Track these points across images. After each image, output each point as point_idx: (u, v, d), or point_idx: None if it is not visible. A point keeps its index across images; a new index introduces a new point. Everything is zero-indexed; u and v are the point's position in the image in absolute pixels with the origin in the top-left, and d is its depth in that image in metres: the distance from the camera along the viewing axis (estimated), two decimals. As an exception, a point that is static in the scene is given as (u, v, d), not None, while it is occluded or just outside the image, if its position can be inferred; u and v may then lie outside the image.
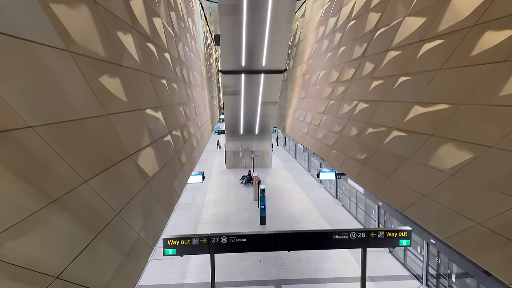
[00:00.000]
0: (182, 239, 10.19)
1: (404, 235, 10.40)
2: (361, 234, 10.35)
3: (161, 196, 9.43)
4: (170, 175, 11.01)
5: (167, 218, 10.03)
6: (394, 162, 11.24)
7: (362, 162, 13.69)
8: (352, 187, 20.72)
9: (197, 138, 19.13)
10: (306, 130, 24.05)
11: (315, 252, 15.93)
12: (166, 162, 10.47)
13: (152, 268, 14.84)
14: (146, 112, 8.32)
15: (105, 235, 5.33)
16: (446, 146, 8.54)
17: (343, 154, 16.02)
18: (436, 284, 12.27)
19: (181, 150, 13.28)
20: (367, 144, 13.41)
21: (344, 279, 13.68)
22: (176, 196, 11.88)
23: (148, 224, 7.96)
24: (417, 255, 13.62)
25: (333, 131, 17.88)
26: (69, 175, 4.33)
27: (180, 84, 13.98)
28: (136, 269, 6.97)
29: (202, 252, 10.27)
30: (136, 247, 7.00)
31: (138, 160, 7.44)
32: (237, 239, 10.24)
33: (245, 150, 35.51)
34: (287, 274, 14.12)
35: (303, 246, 10.40)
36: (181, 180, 13.01)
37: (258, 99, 27.98)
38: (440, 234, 8.67)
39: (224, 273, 14.25)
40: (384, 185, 11.75)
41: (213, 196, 25.42)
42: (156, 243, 8.66)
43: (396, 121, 11.13)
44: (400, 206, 10.73)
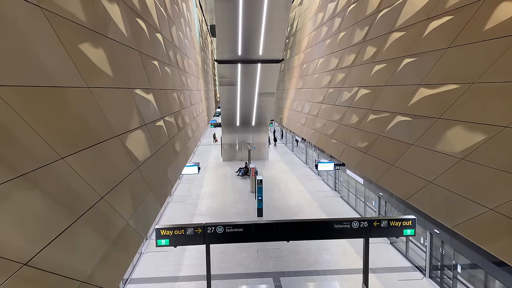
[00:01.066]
0: (176, 229, 9.68)
1: (409, 224, 9.94)
2: (364, 223, 9.88)
3: (153, 183, 8.92)
4: (163, 163, 10.49)
5: (159, 207, 9.52)
6: (397, 149, 10.77)
7: (363, 151, 13.21)
8: (351, 178, 20.27)
9: (192, 128, 18.59)
10: (304, 121, 23.54)
11: (314, 244, 15.48)
12: (159, 149, 9.94)
13: (146, 261, 14.35)
14: (135, 92, 7.77)
15: (87, 220, 4.81)
16: (455, 128, 8.06)
17: (343, 143, 15.54)
18: (440, 276, 11.85)
19: (175, 138, 12.75)
20: (368, 131, 12.93)
21: (344, 271, 13.24)
22: (170, 185, 11.37)
23: (138, 212, 7.44)
24: (419, 246, 13.19)
25: (332, 120, 17.38)
26: (41, 148, 3.79)
27: (173, 69, 13.41)
28: (124, 259, 6.46)
29: (197, 243, 9.78)
30: (125, 235, 6.48)
31: (127, 142, 6.90)
32: (233, 229, 9.74)
33: (241, 143, 34.97)
34: (286, 266, 13.67)
35: (303, 236, 9.92)
36: (175, 169, 12.50)
37: (254, 90, 27.41)
38: (447, 222, 8.20)
39: (220, 265, 13.78)
40: (386, 173, 11.27)
41: (209, 188, 24.92)
42: (147, 232, 8.16)
43: (399, 106, 10.64)
44: (403, 194, 10.26)
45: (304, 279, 12.78)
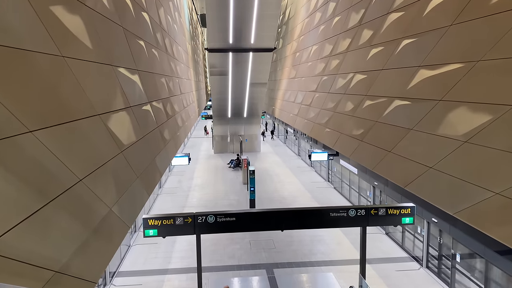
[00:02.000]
0: (165, 218, 9.20)
1: (407, 212, 9.58)
2: (361, 211, 9.49)
3: (140, 170, 8.42)
4: (151, 150, 9.99)
5: (147, 196, 9.02)
6: (395, 135, 10.38)
7: (358, 138, 12.82)
8: (345, 169, 19.93)
9: (182, 117, 18.05)
10: (297, 111, 23.11)
11: (308, 234, 15.12)
12: (146, 134, 9.43)
13: (135, 253, 13.85)
14: (119, 71, 7.23)
15: (62, 204, 4.31)
16: (458, 110, 7.67)
17: (337, 131, 15.15)
18: (437, 266, 11.55)
19: (163, 126, 12.24)
20: (364, 118, 12.53)
21: (340, 262, 12.90)
22: (159, 173, 10.87)
23: (123, 199, 6.95)
24: (416, 236, 12.88)
25: (326, 108, 16.97)
26: (2, 116, 3.28)
27: (161, 54, 12.85)
28: (107, 249, 5.98)
29: (187, 233, 9.31)
30: (108, 223, 5.99)
31: (109, 123, 6.39)
32: (225, 218, 9.28)
33: (233, 135, 34.47)
34: (279, 257, 13.28)
35: (298, 225, 9.50)
36: (164, 158, 12.00)
37: (246, 80, 26.88)
38: (449, 209, 7.84)
39: (212, 257, 13.34)
40: (383, 161, 10.89)
41: (200, 180, 24.42)
42: (133, 221, 7.67)
43: (398, 90, 10.24)
44: (402, 181, 9.89)
45: (298, 270, 12.41)
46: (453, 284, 10.68)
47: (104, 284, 11.55)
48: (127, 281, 11.86)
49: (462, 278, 10.36)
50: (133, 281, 11.87)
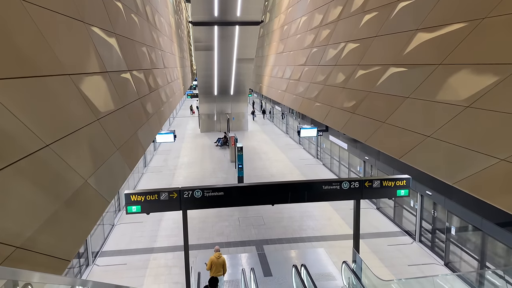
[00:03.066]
0: (148, 194, 8.64)
1: (402, 184, 9.20)
2: (355, 184, 9.08)
3: (120, 142, 7.82)
4: (132, 122, 9.37)
5: (129, 170, 8.45)
6: (389, 104, 9.93)
7: (349, 111, 12.35)
8: (334, 144, 19.56)
9: (166, 92, 17.34)
10: (285, 87, 22.53)
11: (298, 210, 14.79)
12: (126, 105, 8.80)
13: (119, 232, 13.33)
14: (93, 30, 6.54)
15: (23, 170, 3.72)
16: (460, 73, 7.21)
17: (328, 105, 14.66)
18: (431, 240, 11.33)
19: (146, 99, 11.58)
20: (356, 89, 12.04)
21: (330, 237, 12.61)
22: (141, 148, 10.28)
23: (101, 171, 6.37)
24: (409, 210, 12.63)
25: (315, 82, 16.42)
26: None
27: (142, 21, 12.06)
28: (83, 224, 5.42)
29: (172, 209, 8.79)
30: (83, 196, 5.41)
31: (83, 86, 5.74)
32: (213, 193, 8.77)
33: (220, 113, 33.75)
34: (269, 234, 12.93)
35: (289, 198, 9.06)
36: (147, 132, 11.40)
37: (233, 56, 26.05)
38: (448, 179, 7.45)
39: (200, 235, 12.92)
40: (376, 133, 10.47)
41: (186, 159, 23.83)
42: (114, 196, 7.10)
43: (393, 56, 9.74)
44: (396, 153, 9.49)
45: (289, 246, 12.08)
46: (447, 257, 10.47)
47: (87, 264, 11.05)
48: (111, 261, 11.38)
49: (457, 251, 10.15)
50: (117, 260, 11.39)
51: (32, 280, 3.03)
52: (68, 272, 9.50)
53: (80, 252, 10.63)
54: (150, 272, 10.70)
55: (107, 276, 10.50)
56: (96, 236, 11.86)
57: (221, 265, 9.24)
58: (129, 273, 10.60)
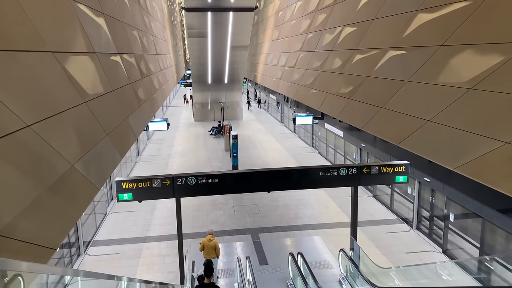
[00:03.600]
0: (140, 181, 8.37)
1: (401, 170, 9.02)
2: (352, 170, 8.87)
3: (110, 127, 7.50)
4: (123, 108, 9.04)
5: (120, 157, 8.14)
6: (388, 89, 9.68)
7: (346, 97, 12.09)
8: (330, 132, 19.33)
9: (158, 79, 16.96)
10: (280, 74, 22.18)
11: (294, 199, 14.60)
12: (117, 89, 8.46)
13: (111, 221, 13.07)
14: (79, 7, 6.18)
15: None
16: (463, 54, 6.96)
17: (324, 92, 14.38)
18: (429, 227, 11.19)
19: (137, 84, 11.24)
20: (353, 74, 11.76)
21: (327, 225, 12.44)
22: (133, 135, 9.96)
23: (89, 156, 6.08)
24: (406, 197, 12.47)
25: (311, 68, 16.11)
26: None
27: (133, 4, 11.65)
28: (70, 211, 5.13)
29: (165, 196, 8.54)
30: (70, 182, 5.12)
31: (68, 65, 5.41)
32: (207, 180, 8.52)
33: (214, 102, 33.35)
34: (264, 222, 12.73)
35: (286, 185, 8.83)
36: (140, 119, 11.08)
37: (227, 43, 25.60)
38: (449, 164, 7.24)
39: (194, 224, 12.69)
40: (374, 118, 10.22)
41: (180, 148, 23.51)
42: (103, 183, 6.81)
43: (392, 39, 9.45)
44: (395, 139, 9.26)
45: (285, 235, 11.89)
46: (445, 245, 10.33)
47: (78, 254, 10.79)
48: (103, 250, 11.13)
49: (455, 239, 10.01)
50: (109, 250, 11.14)
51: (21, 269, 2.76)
52: (58, 262, 9.24)
53: (71, 241, 10.37)
54: (143, 262, 10.47)
55: (99, 265, 10.26)
56: (87, 225, 11.58)
57: (212, 248, 9.20)
58: (121, 263, 10.36)
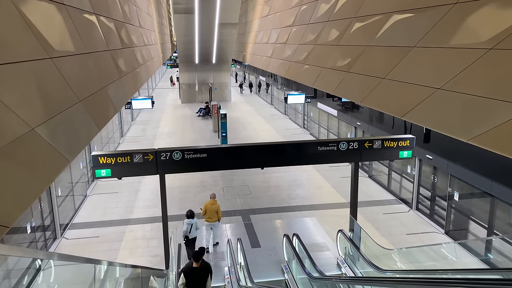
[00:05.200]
0: (120, 155, 7.53)
1: (406, 144, 8.34)
2: (353, 144, 8.17)
3: (83, 93, 6.62)
4: (101, 75, 8.14)
5: (96, 129, 7.26)
6: (391, 58, 8.92)
7: (344, 70, 11.30)
8: (323, 112, 18.60)
9: (142, 54, 15.97)
10: (271, 52, 21.26)
11: (286, 179, 13.92)
12: (93, 52, 7.54)
13: (92, 203, 12.22)
14: None
15: None
16: (481, 10, 6.21)
17: (318, 67, 13.57)
18: (430, 207, 10.60)
19: (117, 53, 10.31)
20: (351, 45, 10.97)
21: (321, 206, 11.81)
22: (113, 108, 9.05)
23: (57, 122, 5.24)
24: (405, 176, 11.85)
25: (305, 42, 15.26)
26: None
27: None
28: (29, 183, 4.30)
29: (148, 173, 7.74)
30: (29, 149, 4.28)
31: (26, 9, 4.50)
32: (194, 155, 7.71)
33: (201, 83, 32.27)
34: (255, 203, 12.03)
35: (281, 161, 8.10)
36: (120, 91, 10.18)
37: (215, 20, 24.45)
38: (462, 135, 6.53)
39: (181, 205, 11.93)
40: (375, 91, 9.47)
41: (166, 129, 22.58)
42: (75, 155, 5.95)
43: (397, 2, 8.66)
44: (398, 111, 8.52)
45: (278, 216, 11.22)
46: (448, 226, 9.76)
47: (54, 238, 9.94)
48: (82, 233, 10.31)
49: (460, 219, 9.43)
50: (89, 233, 10.32)
51: None
52: (29, 246, 8.38)
53: (46, 224, 9.50)
54: (125, 245, 9.69)
55: (77, 249, 9.45)
56: (65, 207, 10.71)
57: (214, 211, 9.38)
58: (101, 246, 9.56)
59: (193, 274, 6.06)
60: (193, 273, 6.08)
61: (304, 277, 7.41)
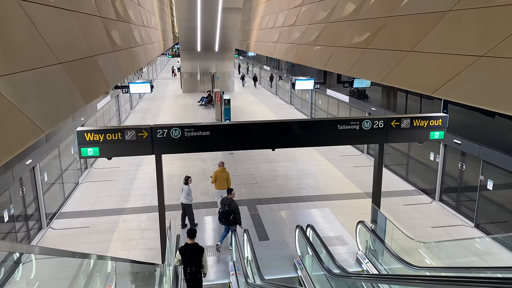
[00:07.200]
0: (109, 131, 6.50)
1: (438, 123, 7.28)
2: (379, 123, 7.13)
3: (66, 55, 5.60)
4: (90, 42, 7.10)
5: (82, 101, 6.22)
6: (419, 27, 7.83)
7: (361, 47, 10.21)
8: (333, 100, 17.52)
9: (141, 34, 14.93)
10: (277, 37, 20.17)
11: (294, 168, 12.92)
12: (77, 12, 6.51)
13: (83, 192, 11.22)
14: None
15: None
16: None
17: (330, 46, 12.48)
18: (456, 198, 9.56)
19: (111, 24, 9.30)
20: (370, 18, 9.89)
21: (335, 196, 10.78)
22: (105, 82, 8.00)
23: (26, 81, 4.25)
24: (427, 164, 10.79)
25: (315, 22, 14.18)
26: None
27: None
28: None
29: (142, 152, 6.72)
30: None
31: None
32: (196, 132, 6.67)
33: (203, 72, 31.17)
34: (262, 193, 11.01)
35: (295, 141, 7.06)
36: (114, 67, 9.18)
37: (218, 4, 23.33)
38: None
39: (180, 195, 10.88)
40: (398, 66, 8.37)
41: (167, 118, 21.53)
42: (51, 125, 4.94)
43: (428, -38, 7.59)
44: (428, 87, 7.42)
45: (287, 206, 10.20)
46: (478, 218, 8.71)
47: (39, 228, 8.94)
48: (70, 223, 9.31)
49: (493, 210, 8.37)
50: (78, 223, 9.33)
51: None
52: (5, 237, 7.36)
53: (29, 213, 8.48)
54: (118, 236, 8.69)
55: (63, 241, 8.46)
56: (52, 195, 9.70)
57: (224, 179, 9.54)
58: (91, 238, 8.56)
59: (189, 250, 6.22)
60: (188, 249, 6.23)
61: (321, 273, 6.40)
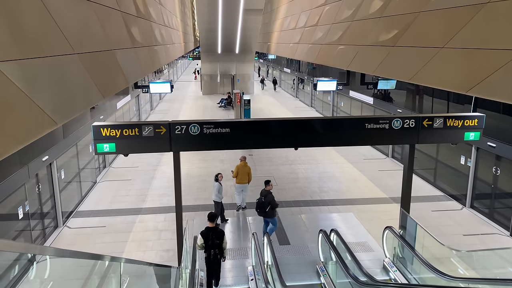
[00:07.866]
0: (126, 127, 6.27)
1: (473, 124, 6.79)
2: (410, 122, 6.68)
3: (82, 46, 5.40)
4: (108, 36, 6.93)
5: (99, 95, 6.03)
6: (452, 22, 7.37)
7: (387, 45, 9.78)
8: (356, 101, 17.02)
9: (161, 33, 14.83)
10: (299, 38, 19.83)
11: (316, 171, 12.51)
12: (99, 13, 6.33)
13: (101, 191, 11.09)
14: None
15: None
16: None
17: (355, 45, 12.07)
18: (489, 205, 8.97)
19: (131, 20, 9.15)
20: (398, 14, 9.45)
21: (359, 201, 10.31)
22: (123, 78, 7.84)
23: (38, 68, 4.04)
24: (457, 168, 10.22)
25: (339, 21, 13.78)
26: None
27: None
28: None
29: (159, 149, 6.47)
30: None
31: None
32: (215, 129, 6.37)
33: (223, 74, 31.03)
34: (282, 195, 10.64)
35: (320, 139, 6.67)
36: (134, 63, 9.03)
37: (239, 5, 23.16)
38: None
39: (198, 195, 10.68)
40: (429, 64, 7.91)
41: (186, 118, 21.35)
42: (65, 118, 4.72)
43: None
44: (462, 85, 6.95)
45: (308, 210, 9.80)
46: (516, 226, 8.12)
47: (55, 226, 8.80)
48: (86, 222, 9.14)
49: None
50: (94, 222, 9.15)
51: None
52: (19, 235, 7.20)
53: (45, 211, 8.34)
54: (134, 237, 8.46)
55: (78, 240, 8.28)
56: (69, 193, 9.57)
57: (246, 173, 9.59)
58: (106, 237, 8.35)
59: (211, 233, 6.36)
60: (210, 232, 6.38)
61: (347, 281, 5.98)
